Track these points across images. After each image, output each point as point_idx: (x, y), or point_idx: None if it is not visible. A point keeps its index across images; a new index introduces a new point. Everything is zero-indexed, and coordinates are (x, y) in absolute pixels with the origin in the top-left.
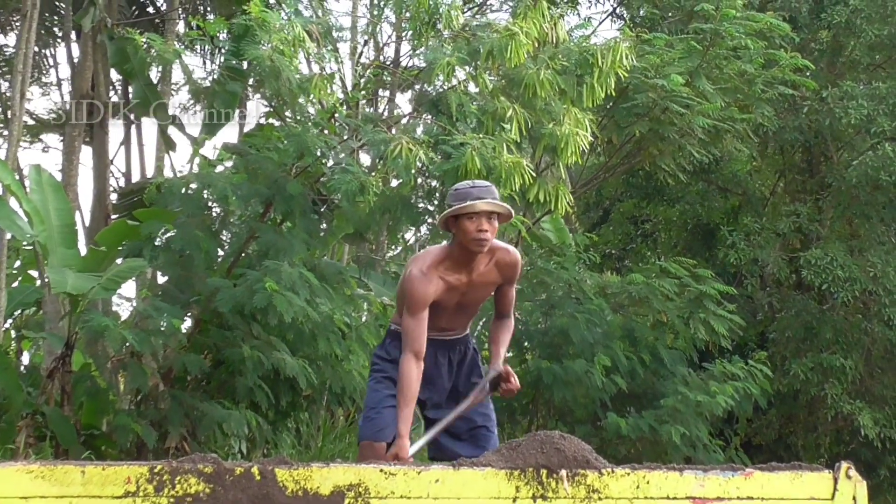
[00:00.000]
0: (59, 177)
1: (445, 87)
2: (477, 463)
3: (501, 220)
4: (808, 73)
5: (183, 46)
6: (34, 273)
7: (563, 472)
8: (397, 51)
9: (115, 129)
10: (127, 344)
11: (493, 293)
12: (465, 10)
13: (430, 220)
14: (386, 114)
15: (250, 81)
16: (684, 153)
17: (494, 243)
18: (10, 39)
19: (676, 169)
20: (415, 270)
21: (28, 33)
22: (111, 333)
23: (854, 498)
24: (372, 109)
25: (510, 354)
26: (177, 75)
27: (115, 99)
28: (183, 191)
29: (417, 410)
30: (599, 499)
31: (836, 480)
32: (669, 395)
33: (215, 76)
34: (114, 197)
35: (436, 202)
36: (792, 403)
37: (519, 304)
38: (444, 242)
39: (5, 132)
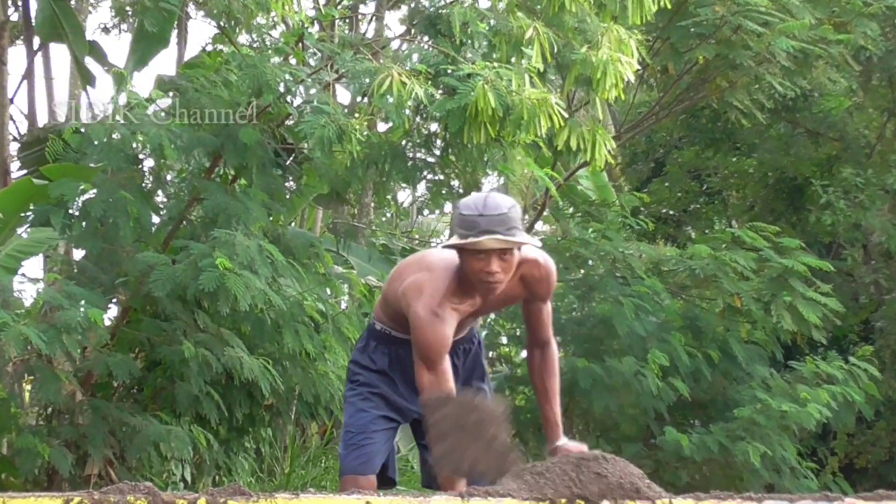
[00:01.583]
0: None
1: (447, 1)
2: (492, 492)
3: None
4: None
5: None
6: None
7: None
8: None
9: (15, 57)
10: (32, 343)
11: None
12: None
13: (428, 176)
14: (371, 35)
15: None
16: (762, 86)
17: (522, 254)
18: None
19: (752, 106)
20: (422, 311)
21: None
22: (10, 330)
23: None
24: (352, 31)
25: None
26: None
27: (13, 17)
28: (105, 139)
29: (409, 431)
30: None
31: None
32: (745, 403)
33: None
34: (13, 148)
35: (436, 151)
36: None
37: None
38: (454, 256)
39: None
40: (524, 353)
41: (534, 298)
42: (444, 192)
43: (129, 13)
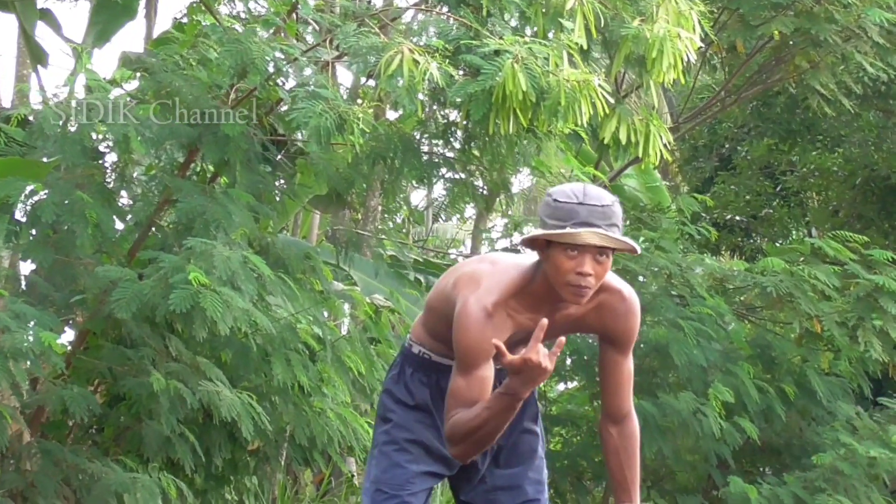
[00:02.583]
0: None
1: None
2: None
3: (620, 250)
4: None
5: None
6: None
7: None
8: None
9: None
10: None
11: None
12: None
13: (447, 174)
14: (379, 5)
15: None
16: (850, 67)
17: (607, 280)
18: None
19: (837, 91)
20: (473, 304)
21: None
22: None
23: None
24: (356, 0)
25: (577, 385)
26: None
27: None
28: (59, 129)
29: (440, 473)
30: None
31: None
32: (827, 448)
33: None
34: None
35: (456, 144)
36: None
37: None
38: (526, 260)
39: None
40: (561, 387)
41: (609, 343)
42: (465, 193)
43: None
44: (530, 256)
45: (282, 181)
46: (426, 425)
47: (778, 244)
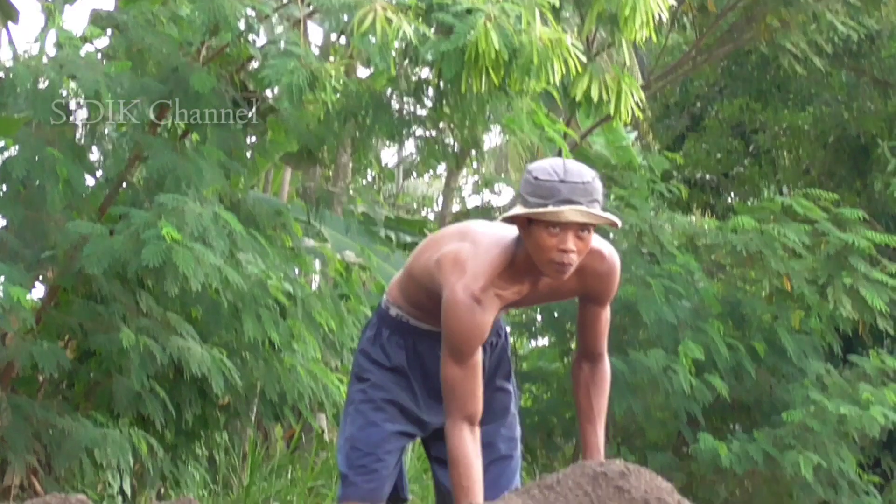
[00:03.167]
0: None
1: None
2: None
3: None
4: None
5: None
6: None
7: None
8: None
9: None
10: None
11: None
12: None
13: (418, 132)
14: None
15: None
16: (821, 25)
17: None
18: None
19: (809, 51)
20: (462, 294)
21: None
22: None
23: None
24: None
25: (547, 342)
26: None
27: None
28: (29, 85)
29: (414, 434)
30: None
31: None
32: (796, 405)
33: None
34: None
35: (428, 102)
36: None
37: None
38: (506, 233)
39: None
40: (532, 344)
41: (590, 299)
42: (436, 151)
43: None
44: (509, 228)
45: (252, 138)
46: (402, 387)
47: (748, 203)
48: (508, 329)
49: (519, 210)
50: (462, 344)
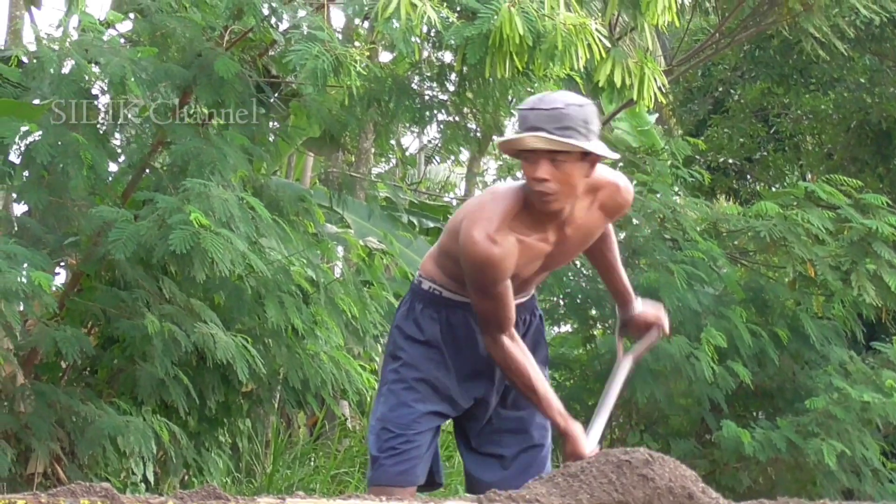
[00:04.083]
0: None
1: None
2: (517, 498)
3: (592, 161)
4: None
5: None
6: None
7: None
8: None
9: None
10: None
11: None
12: None
13: (441, 117)
14: None
15: None
16: (843, 9)
17: (597, 177)
18: None
19: (831, 34)
20: (477, 235)
21: None
22: None
23: None
24: None
25: (570, 328)
26: None
27: None
28: (52, 71)
29: (447, 414)
30: None
31: None
32: (819, 392)
33: None
34: None
35: (451, 87)
36: None
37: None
38: (523, 183)
39: None
40: (555, 330)
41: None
42: (458, 135)
43: None
44: None
45: (275, 123)
46: (436, 363)
47: (772, 188)
48: (539, 309)
49: (500, 139)
50: (483, 280)
